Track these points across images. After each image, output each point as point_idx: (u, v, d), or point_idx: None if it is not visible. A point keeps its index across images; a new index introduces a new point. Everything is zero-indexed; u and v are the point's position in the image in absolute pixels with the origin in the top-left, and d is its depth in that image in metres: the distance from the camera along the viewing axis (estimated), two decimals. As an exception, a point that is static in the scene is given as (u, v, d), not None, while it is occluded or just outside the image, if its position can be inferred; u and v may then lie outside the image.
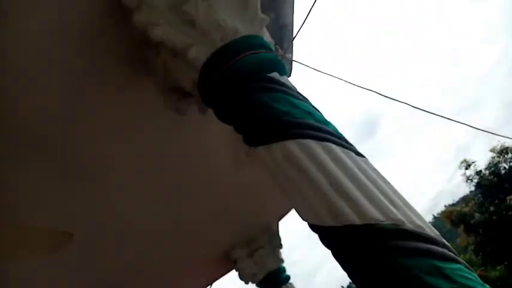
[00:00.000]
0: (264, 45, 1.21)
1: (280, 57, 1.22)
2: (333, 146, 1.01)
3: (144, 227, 2.33)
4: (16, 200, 1.73)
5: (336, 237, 0.97)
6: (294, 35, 1.16)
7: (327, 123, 1.09)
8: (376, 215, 0.93)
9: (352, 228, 0.93)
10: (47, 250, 1.57)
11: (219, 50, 1.17)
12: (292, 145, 1.02)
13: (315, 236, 1.05)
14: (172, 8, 1.23)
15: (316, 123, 1.05)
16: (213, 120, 1.71)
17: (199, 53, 1.19)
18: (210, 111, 1.40)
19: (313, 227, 1.04)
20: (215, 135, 2.08)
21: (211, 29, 1.20)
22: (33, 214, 1.80)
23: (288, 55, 1.21)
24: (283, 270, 3.33)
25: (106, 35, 1.40)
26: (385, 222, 0.93)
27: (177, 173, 2.12)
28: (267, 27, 1.36)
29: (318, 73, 1.41)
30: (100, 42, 1.42)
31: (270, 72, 1.16)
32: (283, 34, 1.73)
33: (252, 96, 1.12)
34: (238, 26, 1.21)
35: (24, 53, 1.34)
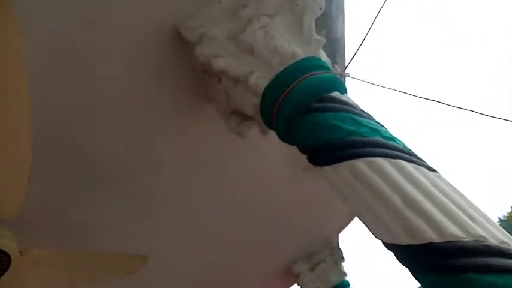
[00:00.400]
0: (322, 66, 1.23)
1: (339, 76, 1.24)
2: (404, 163, 1.00)
3: (207, 246, 2.40)
4: (92, 227, 1.86)
5: (415, 256, 0.95)
6: (355, 52, 1.17)
7: (394, 139, 1.08)
8: (456, 231, 0.90)
9: (431, 246, 0.91)
10: (123, 273, 1.67)
11: (279, 74, 1.21)
12: (361, 164, 1.02)
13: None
14: (231, 38, 1.29)
15: (384, 140, 1.05)
16: (269, 138, 1.76)
17: (260, 79, 1.23)
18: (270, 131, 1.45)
19: (389, 246, 1.02)
20: (272, 152, 2.12)
21: (270, 54, 1.24)
22: (107, 239, 1.92)
23: (346, 73, 1.22)
24: (347, 284, 3.26)
25: (170, 67, 1.49)
26: (466, 239, 0.90)
27: (237, 192, 2.18)
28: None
29: (374, 86, 1.40)
30: (165, 74, 1.51)
31: (330, 92, 1.18)
32: (335, 48, 1.75)
33: (315, 117, 1.14)
34: (296, 50, 1.24)
35: (95, 92, 1.45)
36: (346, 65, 1.43)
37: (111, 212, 1.84)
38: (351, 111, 1.12)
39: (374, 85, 1.19)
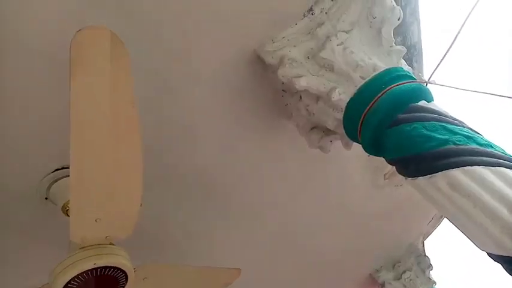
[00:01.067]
0: (405, 76, 1.22)
1: (424, 84, 1.22)
2: (506, 171, 0.96)
3: (292, 255, 2.44)
4: (189, 239, 2.00)
5: (526, 268, 0.91)
6: (439, 61, 1.15)
7: (492, 145, 1.04)
8: None
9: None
10: (220, 286, 1.76)
11: (361, 88, 1.22)
12: (459, 174, 1.00)
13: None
14: (310, 57, 1.34)
15: (481, 148, 1.02)
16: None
17: (342, 94, 1.26)
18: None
19: (495, 257, 0.98)
20: (352, 162, 2.12)
21: (351, 69, 1.26)
22: (200, 251, 2.05)
23: (431, 80, 1.19)
24: (437, 292, 3.10)
25: (251, 88, 1.57)
26: None
27: (319, 203, 2.20)
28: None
29: (462, 91, 1.35)
30: (246, 95, 1.60)
31: (417, 101, 1.16)
32: (412, 54, 1.71)
33: (403, 128, 1.14)
34: (377, 62, 1.25)
35: (187, 116, 1.58)
36: (432, 72, 1.40)
37: (204, 226, 1.97)
38: (441, 119, 1.10)
39: (463, 90, 1.15)
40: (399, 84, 1.18)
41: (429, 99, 1.19)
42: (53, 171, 1.44)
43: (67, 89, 0.96)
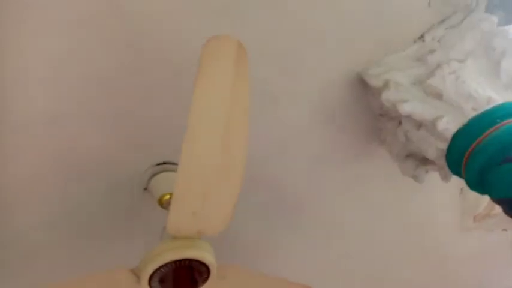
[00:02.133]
0: (523, 112, 1.15)
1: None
2: None
3: (366, 285, 2.36)
4: (259, 250, 2.03)
5: None
6: None
7: None
8: None
9: None
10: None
11: (473, 119, 1.18)
12: None
13: None
14: (417, 84, 1.32)
15: None
16: (440, 184, 1.68)
17: (450, 124, 1.22)
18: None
19: None
20: (441, 199, 2.02)
21: (461, 99, 1.22)
22: (268, 262, 2.06)
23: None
24: None
25: (347, 111, 1.59)
26: None
27: (398, 237, 2.12)
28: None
29: None
30: (341, 117, 1.62)
31: (535, 140, 1.09)
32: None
33: (517, 166, 1.07)
34: (492, 95, 1.19)
35: (286, 129, 1.63)
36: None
37: (278, 240, 1.99)
38: None
39: None
40: (515, 120, 1.12)
41: (549, 139, 1.11)
42: (156, 165, 1.57)
43: (183, 93, 1.06)
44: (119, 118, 1.43)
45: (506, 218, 1.23)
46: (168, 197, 1.49)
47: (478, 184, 1.20)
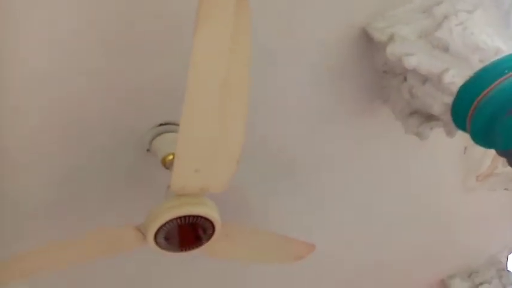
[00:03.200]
0: (533, 63, 1.12)
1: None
2: None
3: (363, 249, 2.40)
4: (265, 211, 2.06)
5: None
6: None
7: None
8: None
9: None
10: (293, 258, 1.80)
11: (480, 71, 1.15)
12: None
13: None
14: (423, 37, 1.29)
15: None
16: (444, 143, 1.67)
17: (456, 77, 1.19)
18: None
19: None
20: (445, 158, 2.01)
21: (469, 51, 1.19)
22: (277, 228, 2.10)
23: None
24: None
25: (350, 68, 1.56)
26: None
27: (402, 197, 2.14)
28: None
29: None
30: (345, 74, 1.58)
31: (543, 92, 1.07)
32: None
33: (524, 118, 1.06)
34: (501, 45, 1.16)
35: (279, 90, 1.60)
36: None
37: (282, 201, 2.01)
38: None
39: None
40: (524, 71, 1.09)
41: (558, 90, 1.08)
42: (158, 126, 1.56)
43: (183, 52, 1.03)
44: (119, 77, 1.41)
45: (508, 176, 1.23)
46: (171, 157, 1.49)
47: (483, 136, 1.19)
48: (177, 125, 1.54)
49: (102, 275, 2.03)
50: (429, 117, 1.44)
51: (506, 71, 1.10)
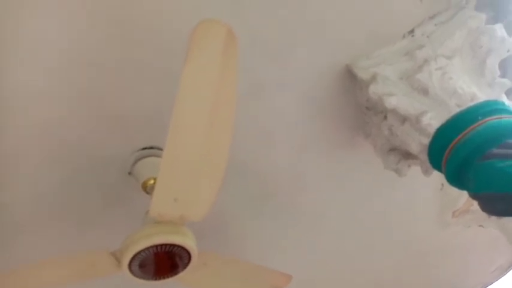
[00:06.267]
0: (505, 110, 1.17)
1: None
2: None
3: (336, 270, 2.40)
4: (242, 238, 2.05)
5: None
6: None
7: None
8: None
9: None
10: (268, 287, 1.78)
11: (456, 116, 1.19)
12: (556, 220, 0.94)
13: None
14: (405, 78, 1.33)
15: None
16: (422, 178, 1.71)
17: (433, 119, 1.24)
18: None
19: None
20: (421, 192, 2.05)
21: (446, 95, 1.23)
22: (253, 251, 2.08)
23: (535, 119, 1.13)
24: None
25: (335, 103, 1.60)
26: None
27: (377, 225, 2.16)
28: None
29: None
30: (328, 108, 1.62)
31: (514, 139, 1.11)
32: (510, 90, 1.64)
33: (496, 163, 1.09)
34: (476, 92, 1.21)
35: (265, 118, 1.63)
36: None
37: (261, 225, 2.01)
38: (542, 161, 1.04)
39: None
40: (497, 118, 1.14)
41: (529, 138, 1.13)
42: (141, 149, 1.55)
43: (170, 76, 1.05)
44: (104, 100, 1.41)
45: (484, 214, 1.26)
46: (152, 182, 1.48)
47: (457, 179, 1.22)
48: (160, 149, 1.55)
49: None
50: (407, 155, 1.48)
51: (480, 118, 1.15)
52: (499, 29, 1.30)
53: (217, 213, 1.90)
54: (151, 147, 1.56)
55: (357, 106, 1.59)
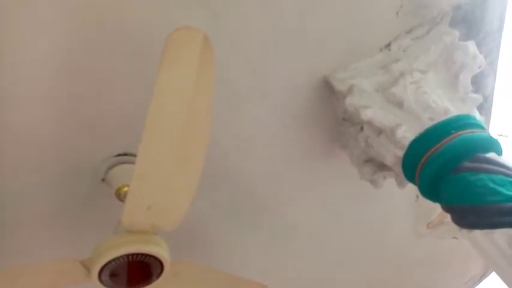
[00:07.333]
0: (477, 125, 1.20)
1: (495, 136, 1.19)
2: None
3: (316, 282, 2.40)
4: (221, 248, 2.03)
5: None
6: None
7: None
8: None
9: None
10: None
11: (429, 129, 1.21)
12: (523, 234, 0.96)
13: None
14: (380, 91, 1.35)
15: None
16: (396, 189, 1.73)
17: (407, 132, 1.25)
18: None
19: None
20: (396, 203, 2.08)
21: (420, 109, 1.26)
22: (233, 262, 2.06)
23: (506, 134, 1.17)
24: None
25: (312, 113, 1.60)
26: None
27: (353, 237, 2.18)
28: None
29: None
30: (305, 119, 1.63)
31: (486, 152, 1.14)
32: (482, 106, 1.68)
33: (467, 176, 1.11)
34: (449, 106, 1.24)
35: (243, 127, 1.62)
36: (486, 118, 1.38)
37: (238, 234, 1.99)
38: (511, 175, 1.07)
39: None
40: (470, 132, 1.16)
41: (499, 152, 1.16)
42: (115, 156, 1.52)
43: (145, 82, 1.03)
44: (78, 105, 1.38)
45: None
46: (125, 189, 1.45)
47: (430, 192, 1.24)
48: (135, 155, 1.52)
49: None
50: (383, 167, 1.49)
51: (453, 131, 1.17)
52: (471, 46, 1.33)
53: (193, 222, 1.88)
54: (125, 154, 1.53)
55: (334, 117, 1.60)
